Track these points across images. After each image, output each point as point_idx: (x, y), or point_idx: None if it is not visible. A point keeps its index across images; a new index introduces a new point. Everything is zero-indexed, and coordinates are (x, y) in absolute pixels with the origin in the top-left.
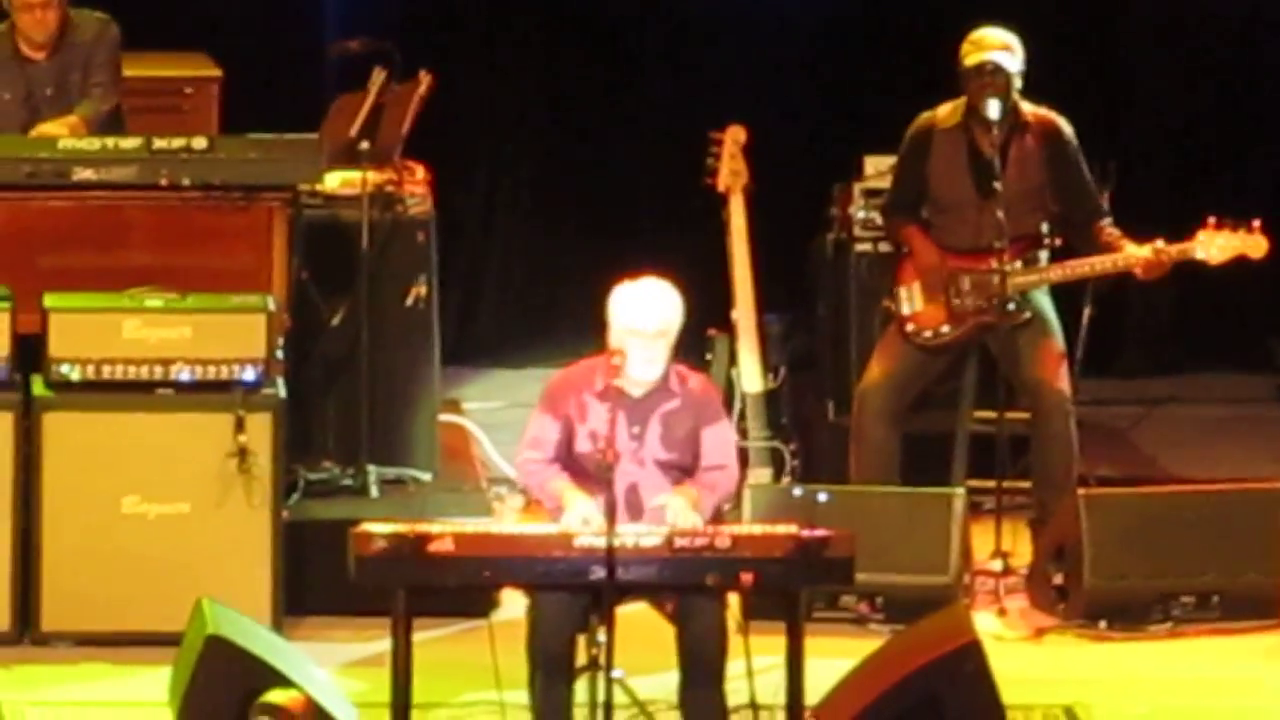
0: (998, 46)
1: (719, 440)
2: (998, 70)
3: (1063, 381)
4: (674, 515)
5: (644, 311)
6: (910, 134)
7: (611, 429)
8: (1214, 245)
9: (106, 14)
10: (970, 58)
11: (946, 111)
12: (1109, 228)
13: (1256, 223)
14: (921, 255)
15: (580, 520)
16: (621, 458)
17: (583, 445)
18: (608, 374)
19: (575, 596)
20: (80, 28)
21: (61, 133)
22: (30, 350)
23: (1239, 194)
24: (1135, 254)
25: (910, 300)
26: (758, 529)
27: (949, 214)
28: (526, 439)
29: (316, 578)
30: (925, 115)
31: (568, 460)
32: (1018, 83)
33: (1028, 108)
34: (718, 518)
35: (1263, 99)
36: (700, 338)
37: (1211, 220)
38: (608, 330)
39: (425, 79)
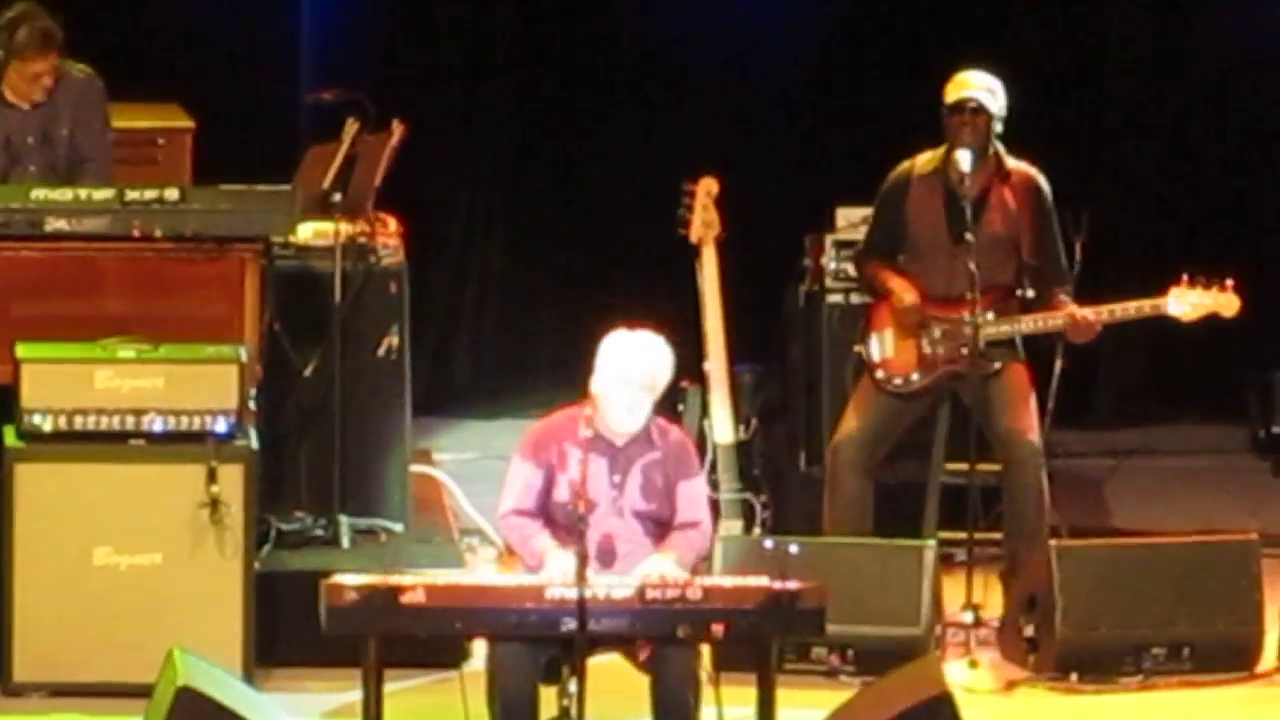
0: (980, 87)
1: (695, 495)
2: (979, 109)
3: (1034, 432)
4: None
5: (634, 363)
6: (888, 181)
7: (583, 478)
8: (1186, 302)
9: (89, 68)
10: (952, 95)
11: (925, 159)
12: (1064, 297)
13: (1230, 281)
14: (899, 294)
15: (560, 573)
16: (599, 506)
17: (562, 494)
18: (592, 423)
19: (535, 646)
20: (65, 79)
21: None
22: (2, 400)
23: (1214, 247)
24: (1074, 313)
25: (881, 346)
26: (729, 581)
27: (923, 260)
28: (507, 488)
29: (288, 628)
30: (905, 163)
31: (547, 509)
32: (998, 126)
33: (1010, 161)
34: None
35: (1240, 153)
36: (672, 388)
37: (1185, 277)
38: (592, 375)
39: (398, 129)
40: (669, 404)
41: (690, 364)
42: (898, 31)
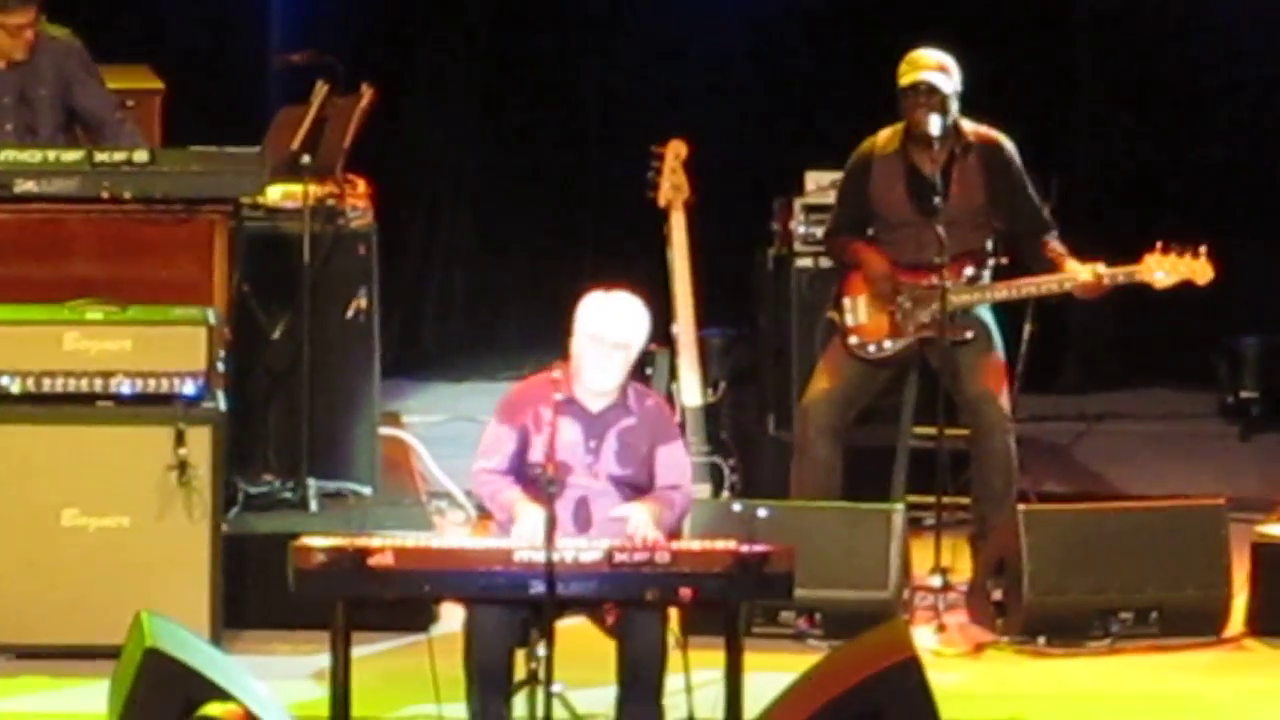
0: (932, 67)
1: (674, 460)
2: (932, 90)
3: (1003, 398)
4: (634, 527)
5: (608, 321)
6: (850, 162)
7: (551, 441)
8: (1160, 270)
9: (66, 29)
10: (905, 77)
11: (885, 137)
12: (1054, 243)
13: (1203, 248)
14: (870, 264)
15: (530, 532)
16: (575, 470)
17: (536, 455)
18: (568, 386)
19: (513, 610)
20: (43, 40)
21: None
22: None
23: (1184, 213)
24: (1075, 276)
25: (854, 312)
26: (697, 544)
27: (894, 232)
28: (481, 447)
29: (256, 591)
30: (865, 143)
31: (521, 470)
32: (954, 103)
33: (969, 126)
34: (671, 536)
35: (1210, 119)
36: (641, 352)
37: (1159, 245)
38: (570, 336)
39: (368, 92)
40: (637, 367)
41: (659, 328)
42: None
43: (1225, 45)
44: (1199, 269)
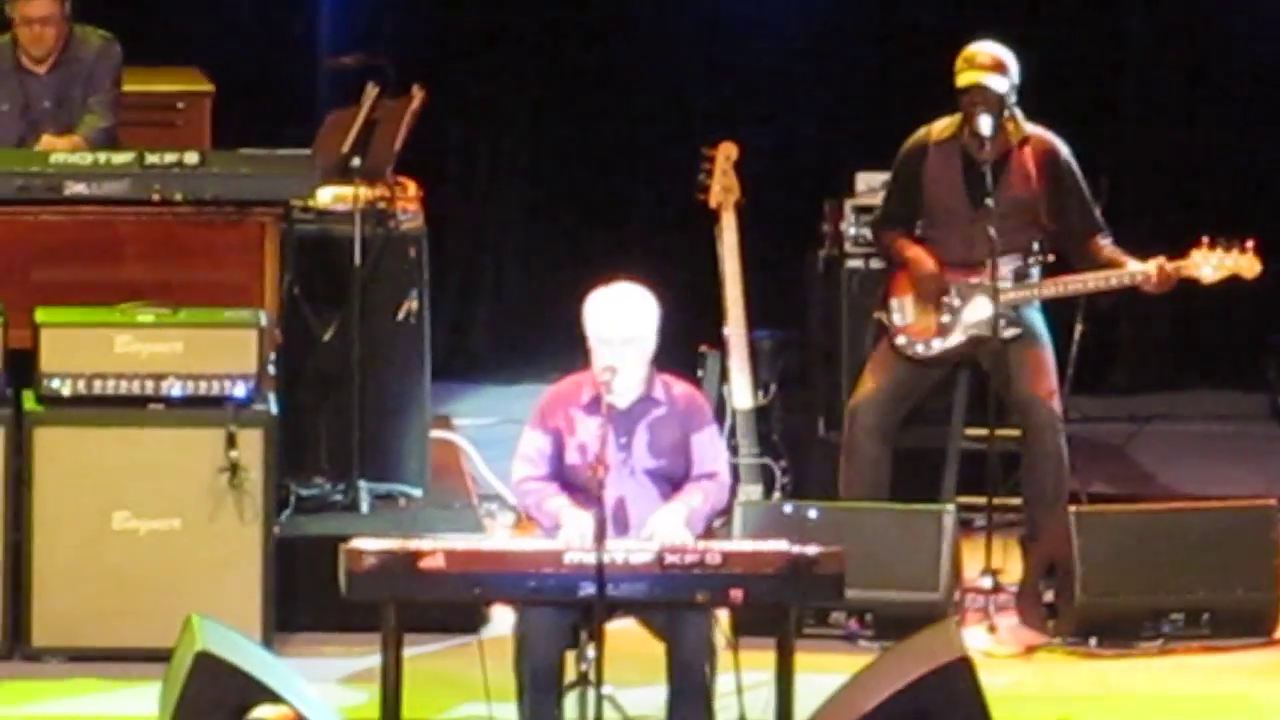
0: (987, 67)
1: (708, 446)
2: (986, 91)
3: (1054, 398)
4: (661, 540)
5: (611, 320)
6: (905, 149)
7: (603, 444)
8: (1208, 265)
9: (109, 32)
10: (961, 76)
11: (942, 126)
12: (1109, 245)
13: (1250, 243)
14: (917, 263)
15: (577, 536)
16: (611, 469)
17: (572, 458)
18: (596, 386)
19: (563, 612)
20: (84, 44)
21: (62, 148)
22: (22, 365)
23: (1233, 211)
24: (1143, 269)
25: (902, 312)
26: (748, 546)
27: (942, 228)
28: (519, 456)
29: (307, 593)
30: (921, 130)
31: (560, 473)
32: (1012, 99)
33: (1028, 126)
34: (710, 531)
35: (1259, 116)
36: (692, 354)
37: (1205, 240)
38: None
39: (418, 94)
40: (689, 369)
41: (710, 329)
42: None
43: (1278, 40)
44: (1246, 264)
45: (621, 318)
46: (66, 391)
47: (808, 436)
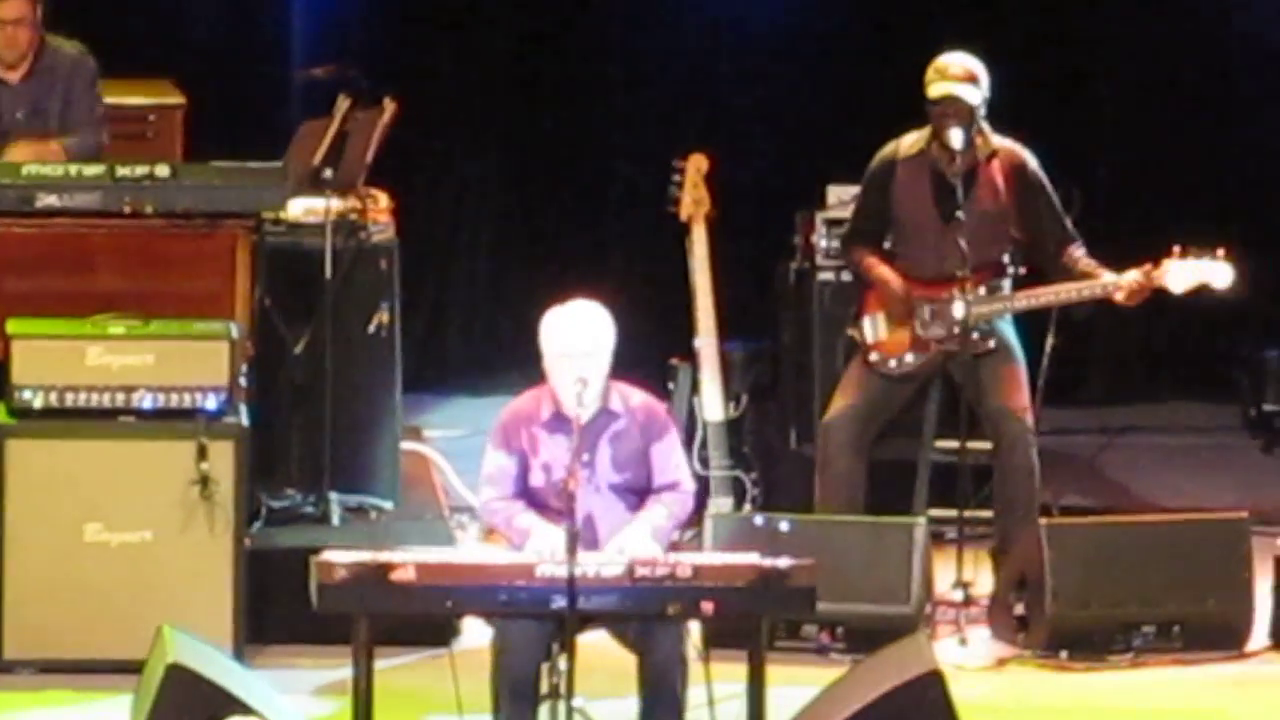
0: (960, 78)
1: (669, 455)
2: (958, 102)
3: (1025, 411)
4: (632, 554)
5: (571, 335)
6: (873, 165)
7: (575, 456)
8: (1179, 274)
9: (81, 44)
10: (932, 87)
11: (910, 141)
12: (1082, 255)
13: (1221, 250)
14: (885, 283)
15: (548, 549)
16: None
17: (536, 479)
18: (555, 402)
19: (541, 625)
20: (57, 54)
21: (42, 154)
22: None
23: (1207, 225)
24: (1115, 279)
25: (874, 329)
26: (719, 558)
27: (912, 242)
28: (484, 478)
29: (278, 606)
30: (889, 146)
31: (529, 494)
32: (982, 111)
33: (995, 139)
34: (676, 543)
35: (1230, 125)
36: (663, 365)
37: (1176, 249)
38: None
39: (390, 106)
40: (659, 381)
41: (681, 341)
42: (889, 5)
43: (1251, 52)
44: (1218, 271)
45: (584, 330)
46: (38, 404)
47: (779, 448)
